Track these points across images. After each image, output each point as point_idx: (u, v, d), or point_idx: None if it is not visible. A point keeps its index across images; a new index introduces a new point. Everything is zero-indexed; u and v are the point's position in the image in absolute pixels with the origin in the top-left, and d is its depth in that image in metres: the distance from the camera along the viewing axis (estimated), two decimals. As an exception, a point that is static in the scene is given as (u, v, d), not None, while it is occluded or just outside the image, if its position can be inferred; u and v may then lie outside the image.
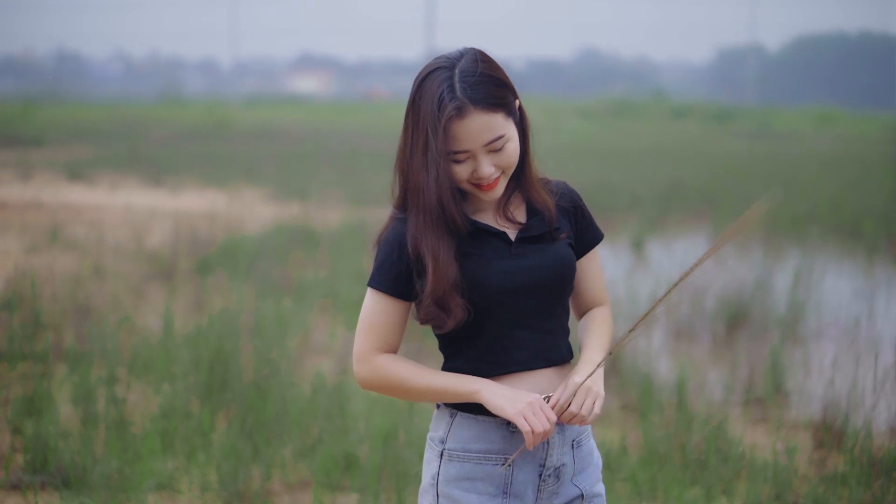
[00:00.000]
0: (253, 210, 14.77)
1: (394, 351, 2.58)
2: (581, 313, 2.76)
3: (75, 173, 18.69)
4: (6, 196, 15.39)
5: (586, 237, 2.70)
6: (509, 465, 2.55)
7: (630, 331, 2.53)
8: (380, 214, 13.57)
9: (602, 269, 2.75)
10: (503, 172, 2.53)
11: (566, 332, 2.64)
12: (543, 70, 77.57)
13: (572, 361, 2.66)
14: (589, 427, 2.67)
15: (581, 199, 2.70)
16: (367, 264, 10.21)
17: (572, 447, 2.61)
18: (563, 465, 2.59)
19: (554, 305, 2.60)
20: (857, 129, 32.09)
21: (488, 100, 2.49)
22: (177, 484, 4.81)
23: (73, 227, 12.52)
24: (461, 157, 2.50)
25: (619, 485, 4.84)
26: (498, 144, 2.50)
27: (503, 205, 2.61)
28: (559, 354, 2.61)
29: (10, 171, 18.79)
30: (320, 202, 15.62)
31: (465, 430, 2.55)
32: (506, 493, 2.55)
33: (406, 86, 2.62)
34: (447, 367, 2.60)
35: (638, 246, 12.18)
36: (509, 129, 2.52)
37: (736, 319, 8.53)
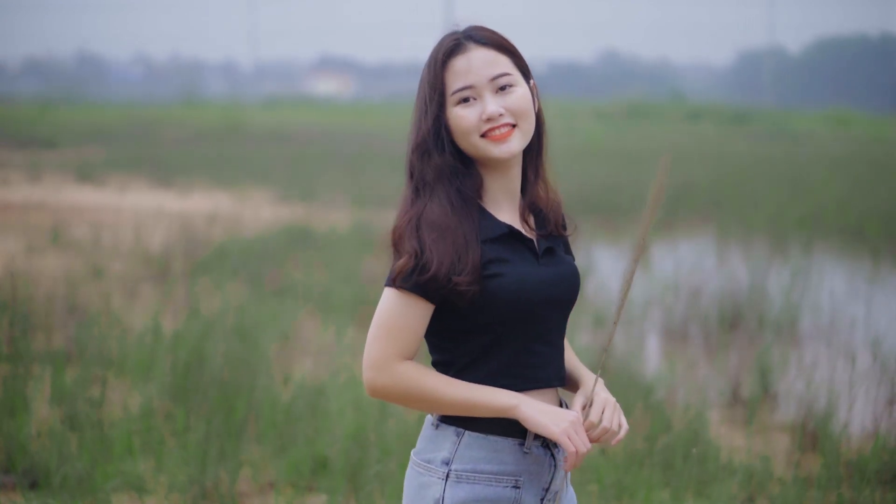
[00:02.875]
0: (256, 212, 14.77)
1: (412, 359, 2.36)
2: None
3: (84, 175, 18.72)
4: (12, 197, 15.45)
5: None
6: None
7: (611, 335, 2.45)
8: (384, 216, 13.59)
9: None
10: (517, 126, 2.40)
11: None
12: (564, 72, 77.33)
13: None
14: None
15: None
16: (366, 267, 10.19)
17: (565, 473, 2.49)
18: (559, 491, 2.46)
19: (566, 321, 2.48)
20: (873, 131, 31.90)
21: (491, 40, 2.41)
22: (145, 484, 4.80)
23: (73, 229, 12.54)
24: (466, 93, 2.38)
25: (589, 487, 4.81)
26: (503, 81, 2.39)
27: (521, 204, 2.47)
28: (564, 373, 2.48)
29: (21, 172, 18.86)
30: (325, 204, 15.62)
31: (475, 451, 2.37)
32: None
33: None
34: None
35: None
36: (517, 75, 2.42)
37: (732, 321, 8.49)
